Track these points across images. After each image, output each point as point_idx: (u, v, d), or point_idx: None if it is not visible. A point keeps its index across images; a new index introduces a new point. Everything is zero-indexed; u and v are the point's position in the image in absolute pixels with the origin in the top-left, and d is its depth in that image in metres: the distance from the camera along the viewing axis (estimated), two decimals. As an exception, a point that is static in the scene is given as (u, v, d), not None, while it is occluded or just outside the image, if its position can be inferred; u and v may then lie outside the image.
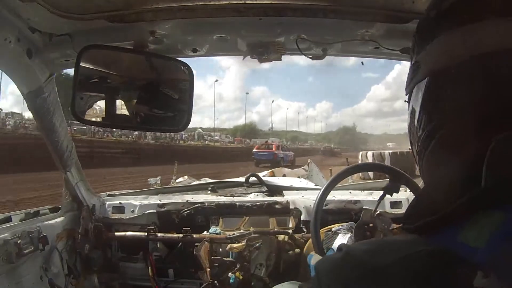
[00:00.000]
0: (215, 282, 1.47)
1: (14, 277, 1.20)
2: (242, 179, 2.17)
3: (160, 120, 1.06)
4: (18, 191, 9.08)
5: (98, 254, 1.58)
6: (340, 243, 1.21)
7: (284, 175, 3.45)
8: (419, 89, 0.38)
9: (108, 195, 1.81)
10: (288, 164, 21.28)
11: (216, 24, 0.97)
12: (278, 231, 1.53)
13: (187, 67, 1.01)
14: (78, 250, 1.52)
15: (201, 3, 0.87)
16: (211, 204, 1.66)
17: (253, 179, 2.07)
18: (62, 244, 1.46)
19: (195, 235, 1.55)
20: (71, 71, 0.96)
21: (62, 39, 0.98)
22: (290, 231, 1.53)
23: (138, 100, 1.04)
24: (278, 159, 22.64)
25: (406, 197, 1.59)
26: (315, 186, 2.35)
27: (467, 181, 0.30)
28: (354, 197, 1.67)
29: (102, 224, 1.60)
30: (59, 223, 1.46)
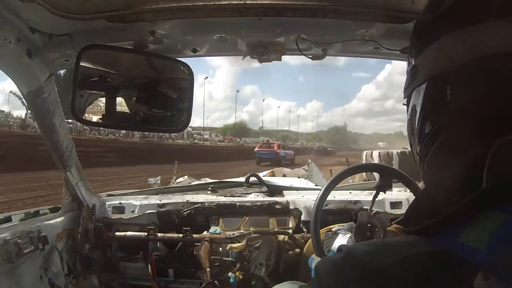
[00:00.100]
0: (215, 282, 1.47)
1: (14, 276, 1.20)
2: (242, 179, 2.18)
3: (160, 120, 1.06)
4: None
5: (98, 254, 1.58)
6: (340, 243, 1.21)
7: (284, 175, 3.45)
8: (418, 92, 0.38)
9: (108, 195, 1.82)
10: (288, 162, 21.58)
11: (216, 24, 0.97)
12: (278, 231, 1.53)
13: (187, 67, 1.01)
14: (78, 250, 1.53)
15: (201, 3, 0.87)
16: (211, 204, 1.66)
17: (253, 179, 2.07)
18: (62, 244, 1.46)
19: (195, 235, 1.56)
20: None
21: (62, 39, 0.98)
22: (290, 231, 1.54)
23: (138, 100, 1.04)
24: (279, 157, 23.05)
25: (406, 197, 1.59)
26: (315, 186, 2.35)
27: (467, 183, 0.30)
28: (354, 197, 1.67)
29: (102, 224, 1.60)
30: (59, 223, 1.47)
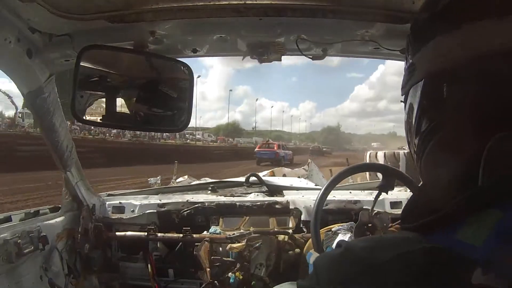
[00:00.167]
0: (215, 282, 1.47)
1: (14, 276, 1.20)
2: (242, 179, 2.18)
3: (159, 120, 1.06)
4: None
5: (98, 254, 1.58)
6: None
7: (284, 175, 3.45)
8: (415, 90, 0.38)
9: (108, 195, 1.82)
10: (288, 162, 21.74)
11: (216, 24, 0.97)
12: (278, 231, 1.53)
13: (187, 67, 1.01)
14: (78, 250, 1.53)
15: (201, 3, 0.87)
16: (211, 204, 1.66)
17: (253, 179, 2.07)
18: (62, 244, 1.46)
19: (195, 235, 1.55)
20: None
21: (62, 39, 0.98)
22: (290, 231, 1.53)
23: (138, 100, 1.04)
24: (279, 157, 23.36)
25: (406, 197, 1.59)
26: (315, 186, 2.35)
27: (465, 180, 0.31)
28: (354, 197, 1.67)
29: (102, 224, 1.60)
30: (59, 222, 1.47)
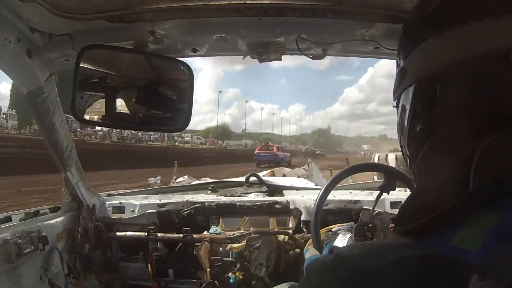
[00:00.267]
0: (215, 282, 1.47)
1: (14, 276, 1.20)
2: (242, 178, 2.18)
3: (159, 120, 1.06)
4: None
5: (98, 254, 1.58)
6: (340, 243, 1.20)
7: (284, 175, 3.46)
8: (407, 94, 0.38)
9: (108, 195, 1.82)
10: (286, 164, 21.91)
11: (216, 24, 0.96)
12: (278, 231, 1.53)
13: (187, 67, 1.01)
14: (78, 250, 1.53)
15: (201, 3, 0.87)
16: (211, 204, 1.66)
17: (253, 178, 2.07)
18: (62, 244, 1.46)
19: (195, 235, 1.56)
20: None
21: (62, 39, 0.98)
22: (290, 231, 1.54)
23: (138, 100, 1.04)
24: (278, 159, 23.94)
25: (406, 197, 1.59)
26: (315, 186, 2.35)
27: (459, 183, 0.30)
28: (354, 197, 1.67)
29: (102, 224, 1.60)
30: (59, 223, 1.47)
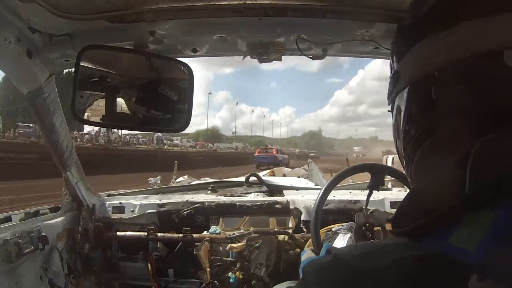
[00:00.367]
0: (215, 282, 1.47)
1: (14, 276, 1.20)
2: (242, 178, 2.18)
3: (159, 120, 1.06)
4: None
5: (98, 254, 1.58)
6: (340, 243, 1.21)
7: (284, 175, 3.46)
8: (401, 97, 0.38)
9: (108, 195, 1.82)
10: (284, 166, 22.17)
11: (216, 24, 0.96)
12: (278, 231, 1.53)
13: (187, 67, 1.01)
14: (78, 250, 1.53)
15: (201, 3, 0.87)
16: (211, 204, 1.66)
17: (253, 178, 2.07)
18: (62, 244, 1.46)
19: (195, 235, 1.56)
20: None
21: (62, 39, 0.98)
22: (290, 231, 1.54)
23: (138, 100, 1.04)
24: (278, 161, 24.55)
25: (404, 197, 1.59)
26: (315, 186, 2.35)
27: (456, 183, 0.30)
28: (354, 197, 1.67)
29: (102, 224, 1.60)
30: (59, 222, 1.47)
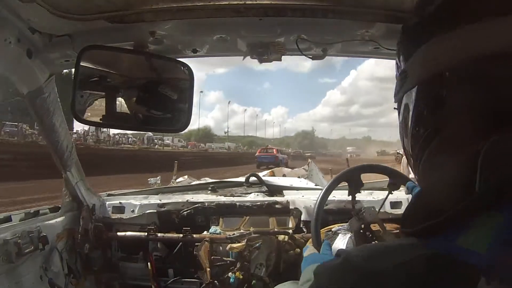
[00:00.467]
0: (215, 282, 1.47)
1: (14, 276, 1.20)
2: (242, 179, 2.18)
3: (159, 120, 1.06)
4: None
5: (98, 254, 1.58)
6: (340, 243, 1.20)
7: (284, 175, 3.46)
8: (409, 97, 0.38)
9: (108, 195, 1.82)
10: (284, 166, 22.53)
11: (216, 25, 0.96)
12: (278, 231, 1.53)
13: (187, 68, 1.01)
14: (78, 250, 1.53)
15: (201, 3, 0.87)
16: (211, 204, 1.66)
17: (253, 179, 2.07)
18: (62, 244, 1.46)
19: (195, 235, 1.56)
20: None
21: (62, 39, 0.98)
22: (290, 231, 1.53)
23: (138, 100, 1.04)
24: (278, 161, 25.26)
25: (406, 197, 1.59)
26: (315, 186, 2.35)
27: (465, 184, 0.30)
28: None
29: (102, 224, 1.60)
30: (59, 223, 1.47)
